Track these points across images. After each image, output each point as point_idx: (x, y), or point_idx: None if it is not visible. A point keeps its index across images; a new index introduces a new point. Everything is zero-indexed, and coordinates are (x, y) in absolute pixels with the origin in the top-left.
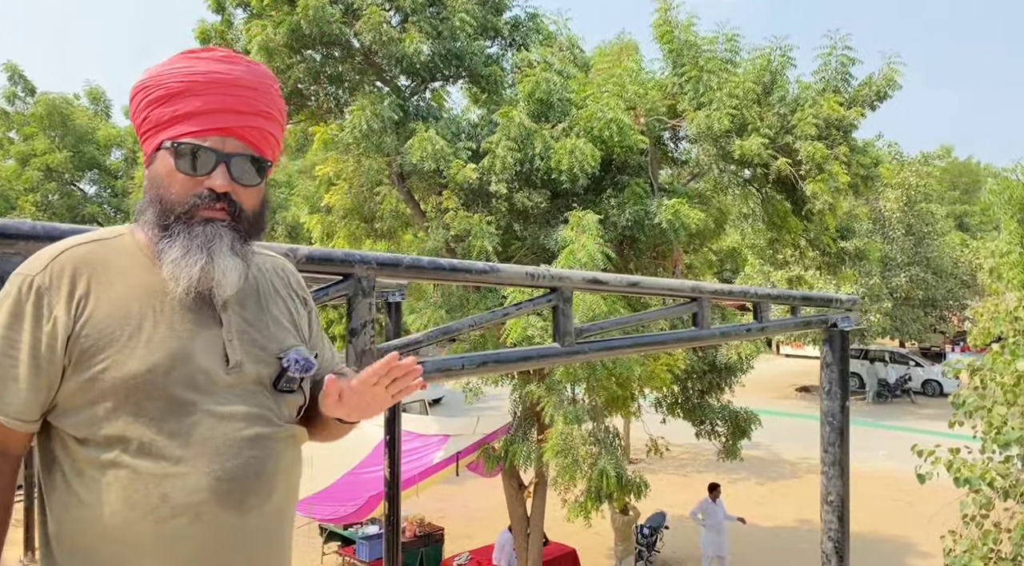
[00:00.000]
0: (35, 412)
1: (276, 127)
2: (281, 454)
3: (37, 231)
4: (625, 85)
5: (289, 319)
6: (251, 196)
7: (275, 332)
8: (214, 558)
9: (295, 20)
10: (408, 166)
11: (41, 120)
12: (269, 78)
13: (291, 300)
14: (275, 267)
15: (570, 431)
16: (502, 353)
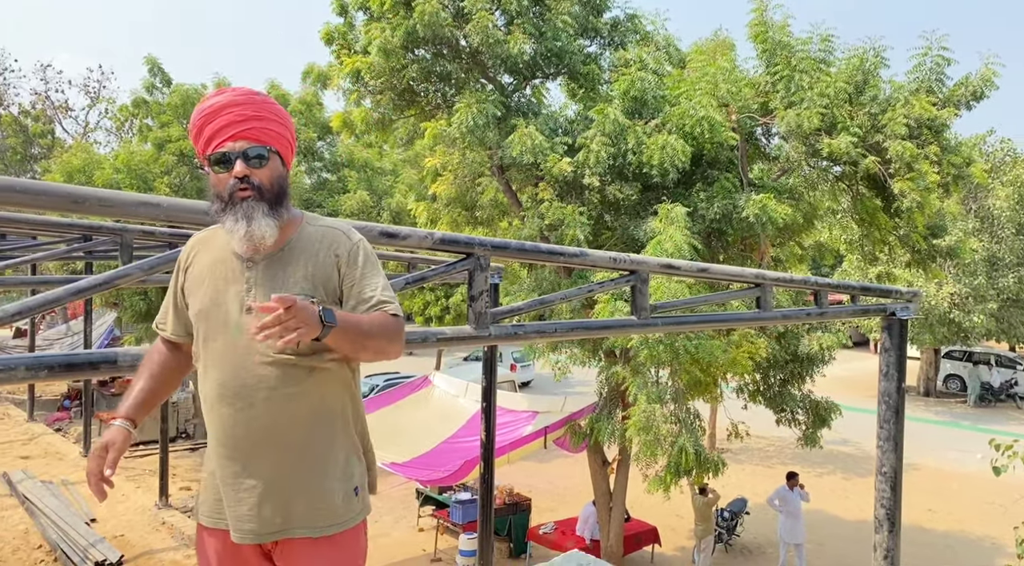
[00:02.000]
0: (180, 331)
1: (271, 123)
2: (269, 372)
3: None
4: (718, 83)
5: (310, 277)
6: (264, 174)
7: (289, 287)
8: (226, 435)
9: (411, 24)
10: (508, 159)
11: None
12: (252, 93)
13: (324, 264)
14: (324, 237)
15: (652, 409)
16: (589, 322)
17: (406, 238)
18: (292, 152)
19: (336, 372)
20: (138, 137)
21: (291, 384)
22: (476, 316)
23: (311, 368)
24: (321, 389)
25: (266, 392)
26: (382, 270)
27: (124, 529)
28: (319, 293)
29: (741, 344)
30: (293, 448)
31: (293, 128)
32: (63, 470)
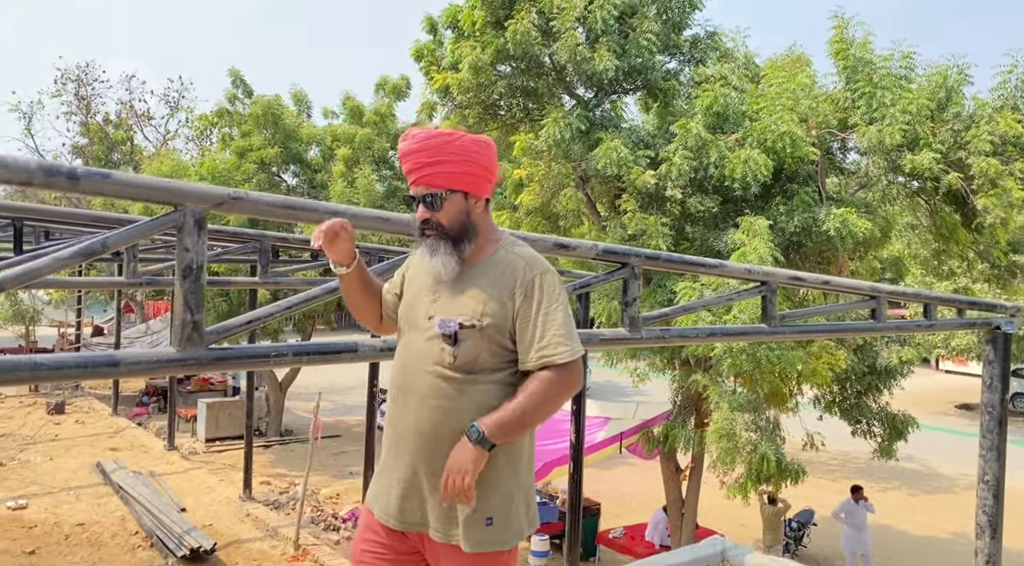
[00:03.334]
0: (389, 314)
1: (449, 165)
2: (428, 380)
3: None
4: (799, 99)
5: (481, 302)
6: (443, 215)
7: (458, 306)
8: (390, 425)
9: (501, 42)
10: (591, 171)
11: (257, 119)
12: (428, 138)
13: (500, 292)
14: (508, 265)
15: (734, 417)
16: (726, 328)
17: (576, 249)
18: (485, 181)
19: (490, 399)
20: (219, 145)
21: (442, 397)
22: (631, 320)
23: (462, 388)
24: (471, 409)
25: (419, 398)
26: (563, 303)
27: (212, 519)
28: (488, 320)
29: (821, 355)
30: (433, 456)
31: (483, 159)
32: (149, 462)
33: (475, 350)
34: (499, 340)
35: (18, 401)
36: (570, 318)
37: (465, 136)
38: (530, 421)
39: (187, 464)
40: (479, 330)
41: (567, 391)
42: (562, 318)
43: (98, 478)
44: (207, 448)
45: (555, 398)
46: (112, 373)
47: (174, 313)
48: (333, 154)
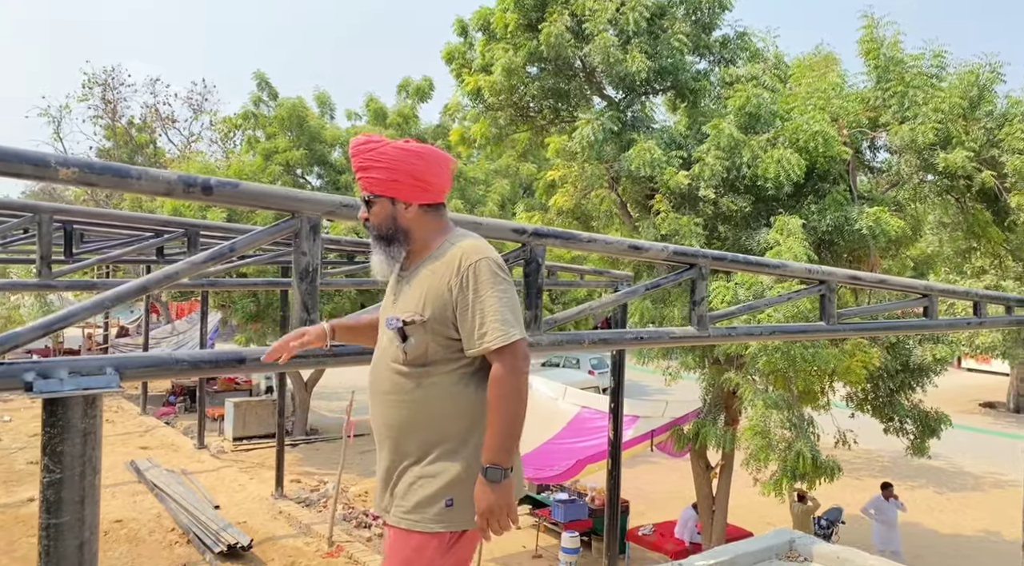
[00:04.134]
0: None
1: (373, 171)
2: (388, 377)
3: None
4: (830, 98)
5: (423, 297)
6: (374, 218)
7: (405, 303)
8: (372, 420)
9: (534, 45)
10: (624, 172)
11: (282, 121)
12: (359, 144)
13: (439, 285)
14: (448, 258)
15: (769, 414)
16: (786, 326)
17: (647, 251)
18: (412, 187)
19: (447, 389)
20: (244, 147)
21: (399, 392)
22: (699, 319)
23: (418, 381)
24: (427, 401)
25: (382, 394)
26: (500, 289)
27: (245, 516)
28: (428, 313)
29: (855, 353)
30: (396, 447)
31: (408, 167)
32: (181, 460)
33: (422, 344)
34: (444, 332)
35: None
36: (507, 303)
37: (388, 145)
38: (510, 423)
39: (217, 462)
40: (421, 325)
41: (516, 376)
42: (495, 304)
43: (132, 476)
44: (235, 447)
45: (512, 389)
46: (240, 369)
47: (292, 313)
48: None
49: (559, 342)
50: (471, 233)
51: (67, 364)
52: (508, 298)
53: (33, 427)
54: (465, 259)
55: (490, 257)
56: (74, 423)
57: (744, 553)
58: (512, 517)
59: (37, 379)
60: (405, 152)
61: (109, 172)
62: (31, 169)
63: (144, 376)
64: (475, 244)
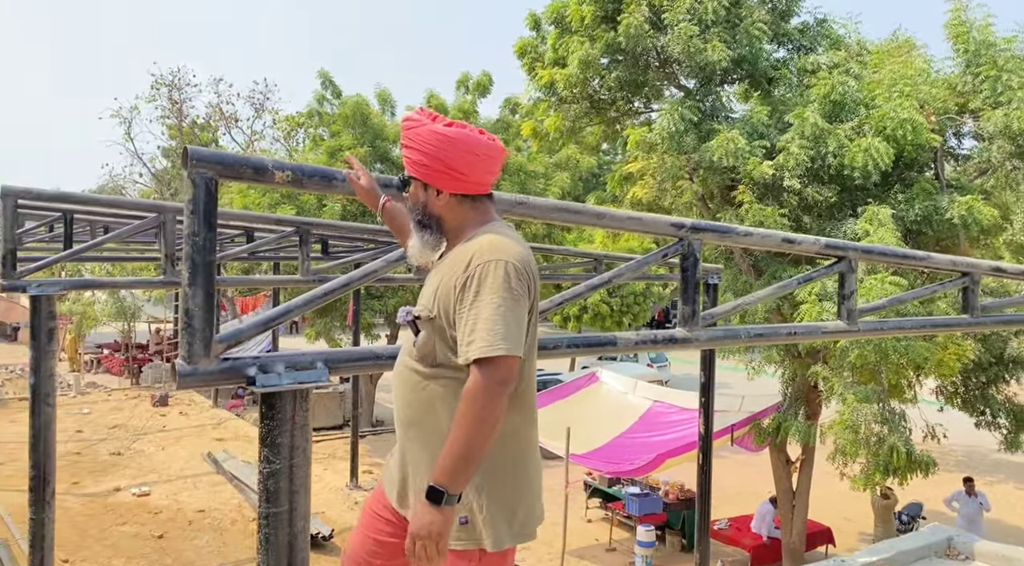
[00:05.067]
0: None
1: (409, 151)
2: (401, 369)
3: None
4: (918, 85)
5: (434, 294)
6: (409, 198)
7: (423, 296)
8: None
9: (611, 37)
10: (704, 162)
11: (346, 119)
12: (405, 122)
13: (449, 283)
14: (462, 254)
15: (861, 409)
16: (936, 319)
17: (800, 243)
18: (441, 175)
19: (453, 397)
20: (308, 145)
21: (408, 388)
22: (848, 313)
23: (426, 382)
24: (435, 402)
25: (396, 386)
26: (500, 295)
27: (323, 507)
28: (438, 311)
29: (947, 346)
30: (411, 444)
31: (438, 152)
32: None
33: (430, 342)
34: (450, 332)
35: (123, 394)
36: (506, 313)
37: (425, 125)
38: (471, 446)
39: None
40: (429, 321)
41: (489, 396)
42: (489, 312)
43: (210, 467)
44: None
45: (481, 409)
46: None
47: None
48: None
49: (716, 338)
50: (504, 229)
51: (283, 359)
52: (509, 308)
53: (111, 419)
54: (477, 257)
55: (506, 260)
56: (290, 416)
57: (903, 550)
58: (441, 551)
59: (259, 373)
60: (438, 137)
61: (317, 175)
62: (251, 173)
63: (350, 370)
64: (495, 242)
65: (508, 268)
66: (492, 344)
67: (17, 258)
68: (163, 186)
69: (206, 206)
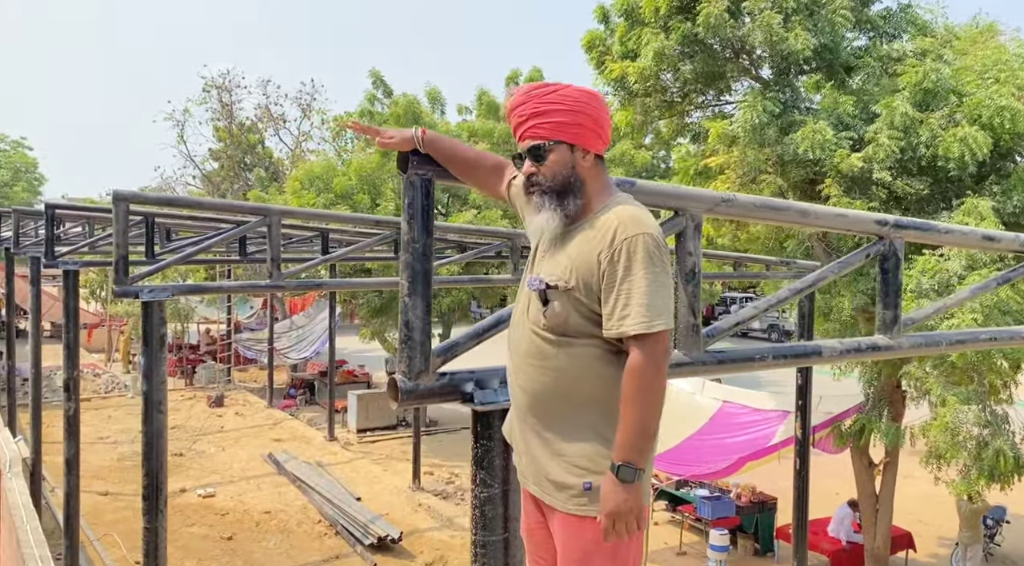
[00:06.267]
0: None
1: (554, 114)
2: (528, 338)
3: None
4: (1014, 70)
5: (571, 265)
6: (546, 169)
7: (553, 265)
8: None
9: (688, 27)
10: (788, 156)
11: (398, 118)
12: (532, 89)
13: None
14: (603, 225)
15: (963, 410)
16: None
17: (1000, 241)
18: (593, 134)
19: (591, 362)
20: (361, 144)
21: (539, 356)
22: None
23: (558, 348)
24: (569, 371)
25: (521, 355)
26: (654, 270)
27: (386, 508)
28: (574, 281)
29: None
30: (535, 417)
31: (591, 110)
32: (313, 452)
33: (563, 313)
34: (587, 304)
35: (179, 395)
36: (659, 288)
37: (571, 86)
38: (647, 420)
39: (349, 454)
40: (564, 292)
41: (655, 369)
42: (645, 286)
43: (271, 468)
44: (359, 438)
45: (650, 382)
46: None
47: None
48: None
49: (917, 345)
50: (632, 200)
51: (497, 374)
52: (661, 282)
53: (170, 420)
54: (622, 231)
55: (651, 233)
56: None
57: None
58: (641, 523)
59: (476, 390)
60: (589, 94)
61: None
62: None
63: None
64: (636, 215)
65: (653, 242)
66: (651, 320)
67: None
68: (213, 188)
69: (424, 209)
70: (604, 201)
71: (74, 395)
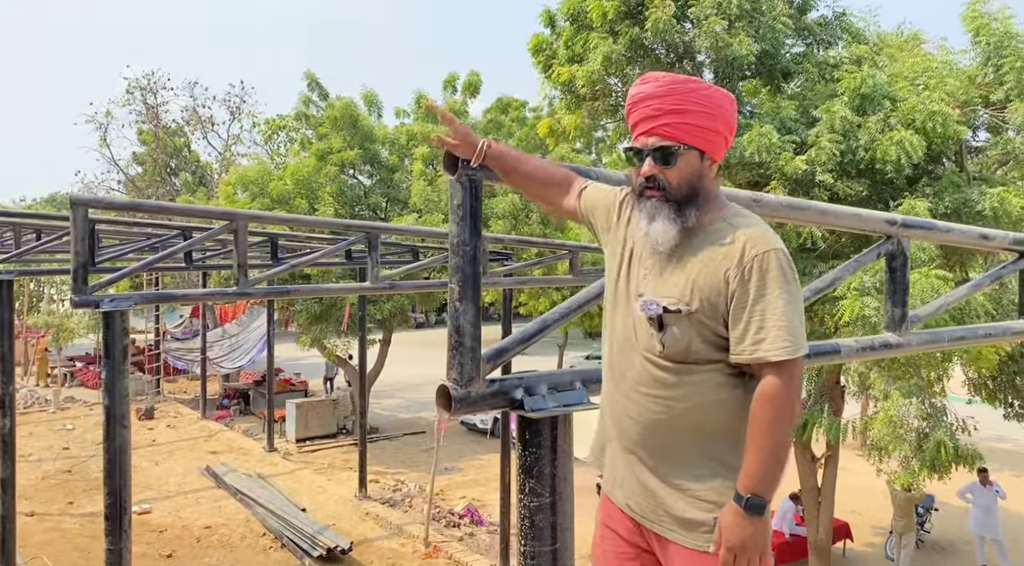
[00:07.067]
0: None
1: (693, 116)
2: (639, 365)
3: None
4: (943, 77)
5: (691, 284)
6: (673, 174)
7: (667, 285)
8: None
9: (636, 32)
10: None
11: (335, 121)
12: (675, 82)
13: (713, 273)
14: (725, 240)
15: (905, 404)
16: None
17: (993, 239)
18: (724, 143)
19: (714, 390)
20: (294, 148)
21: (655, 385)
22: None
23: (680, 377)
24: (691, 400)
25: (631, 384)
26: (789, 290)
27: (333, 518)
28: (696, 304)
29: None
30: (648, 449)
31: (730, 117)
32: (253, 464)
33: (684, 338)
34: (712, 327)
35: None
36: (795, 309)
37: (713, 87)
38: (780, 449)
39: (290, 465)
40: (686, 316)
41: (793, 397)
42: (783, 307)
43: (209, 481)
44: (299, 448)
45: (787, 411)
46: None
47: None
48: (408, 153)
49: (924, 342)
50: (751, 214)
51: (545, 379)
52: (797, 303)
53: (97, 434)
54: (751, 247)
55: (780, 249)
56: (559, 442)
57: None
58: (765, 558)
59: (525, 396)
60: (730, 100)
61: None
62: None
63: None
64: (762, 231)
65: (784, 259)
66: (792, 344)
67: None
68: (137, 193)
69: (473, 211)
70: (719, 213)
71: (9, 412)
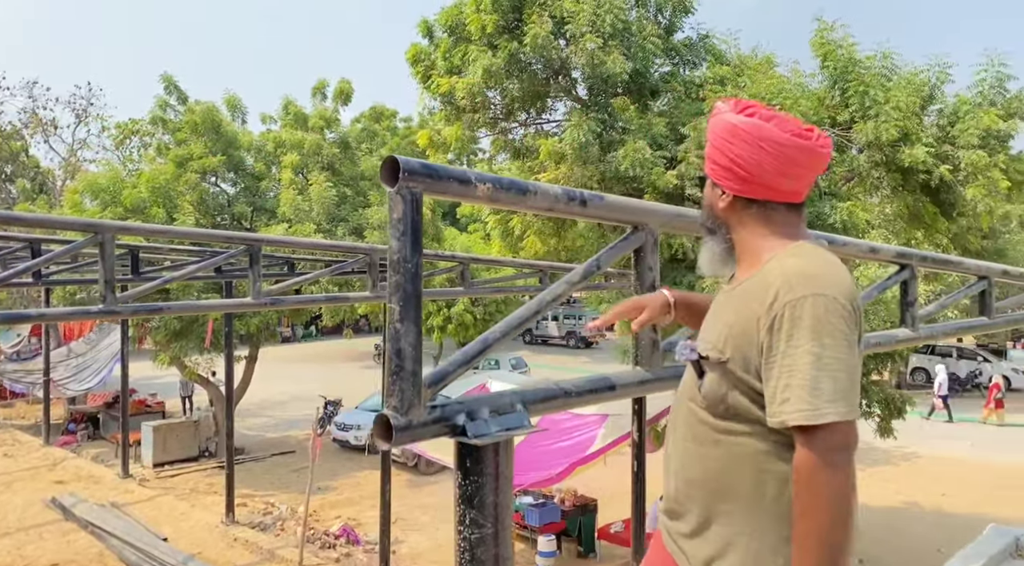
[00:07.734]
0: None
1: (708, 147)
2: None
3: None
4: (797, 99)
5: (725, 332)
6: (704, 198)
7: (709, 330)
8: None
9: (515, 46)
10: (611, 172)
11: (196, 126)
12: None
13: (747, 319)
14: (761, 284)
15: None
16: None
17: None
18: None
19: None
20: (150, 154)
21: (694, 440)
22: (912, 319)
23: (718, 436)
24: (728, 464)
25: (676, 431)
26: (819, 342)
27: (199, 547)
28: (729, 352)
29: None
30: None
31: (723, 145)
32: (106, 493)
33: (719, 389)
34: (747, 380)
35: None
36: (829, 365)
37: (721, 114)
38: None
39: (148, 491)
40: (720, 365)
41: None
42: (810, 362)
43: (56, 514)
44: (157, 473)
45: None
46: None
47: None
48: (276, 161)
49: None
50: (814, 251)
51: (486, 402)
52: (835, 357)
53: None
54: (785, 291)
55: (824, 294)
56: (501, 469)
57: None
58: None
59: (467, 421)
60: (724, 125)
61: (514, 188)
62: (457, 186)
63: (544, 410)
64: (806, 270)
65: (827, 304)
66: (817, 408)
67: None
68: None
69: (415, 225)
70: (769, 250)
71: None
